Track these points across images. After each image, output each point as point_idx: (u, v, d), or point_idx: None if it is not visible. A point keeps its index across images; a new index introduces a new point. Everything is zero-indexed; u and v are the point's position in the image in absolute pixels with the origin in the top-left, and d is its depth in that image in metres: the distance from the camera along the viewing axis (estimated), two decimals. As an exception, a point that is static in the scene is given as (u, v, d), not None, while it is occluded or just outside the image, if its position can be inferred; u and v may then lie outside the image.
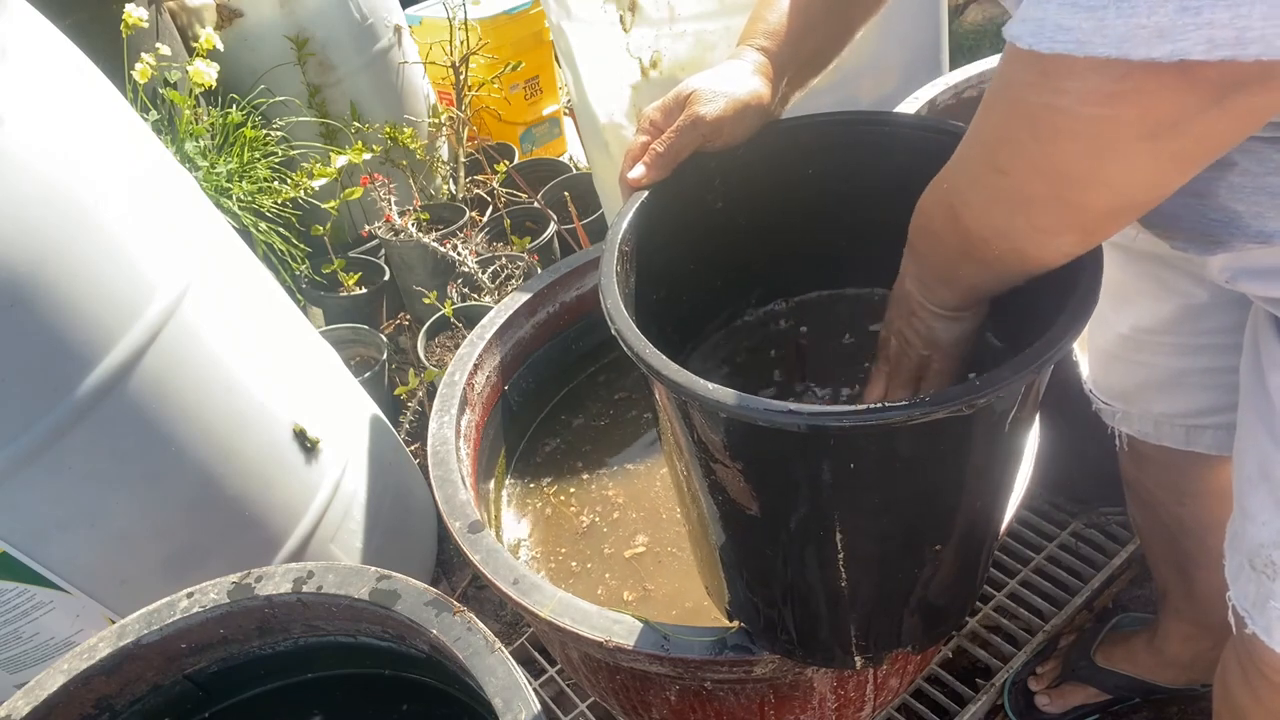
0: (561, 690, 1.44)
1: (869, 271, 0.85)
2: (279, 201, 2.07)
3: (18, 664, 1.12)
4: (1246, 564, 0.76)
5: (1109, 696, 1.32)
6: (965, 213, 0.58)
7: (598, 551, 1.16)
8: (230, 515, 1.19)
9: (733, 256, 0.85)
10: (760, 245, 0.85)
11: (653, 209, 0.76)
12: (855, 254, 0.84)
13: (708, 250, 0.84)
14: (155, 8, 2.02)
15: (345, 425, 1.44)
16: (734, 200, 0.82)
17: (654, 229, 0.76)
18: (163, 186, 1.15)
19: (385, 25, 2.50)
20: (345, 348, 2.06)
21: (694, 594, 1.08)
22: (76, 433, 0.99)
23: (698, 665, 0.85)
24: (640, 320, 0.70)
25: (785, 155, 0.81)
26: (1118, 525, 1.52)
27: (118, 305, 1.01)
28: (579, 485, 1.26)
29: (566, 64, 1.77)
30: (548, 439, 1.35)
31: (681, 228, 0.79)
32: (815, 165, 0.81)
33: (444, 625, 0.82)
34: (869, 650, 0.79)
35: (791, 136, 0.80)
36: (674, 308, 0.82)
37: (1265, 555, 0.74)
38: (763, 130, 0.79)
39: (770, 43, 0.80)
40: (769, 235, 0.85)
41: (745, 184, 0.81)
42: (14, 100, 0.92)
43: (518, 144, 2.99)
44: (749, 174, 0.81)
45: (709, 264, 0.85)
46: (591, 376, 1.43)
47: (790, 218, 0.84)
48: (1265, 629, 0.76)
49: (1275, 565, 0.73)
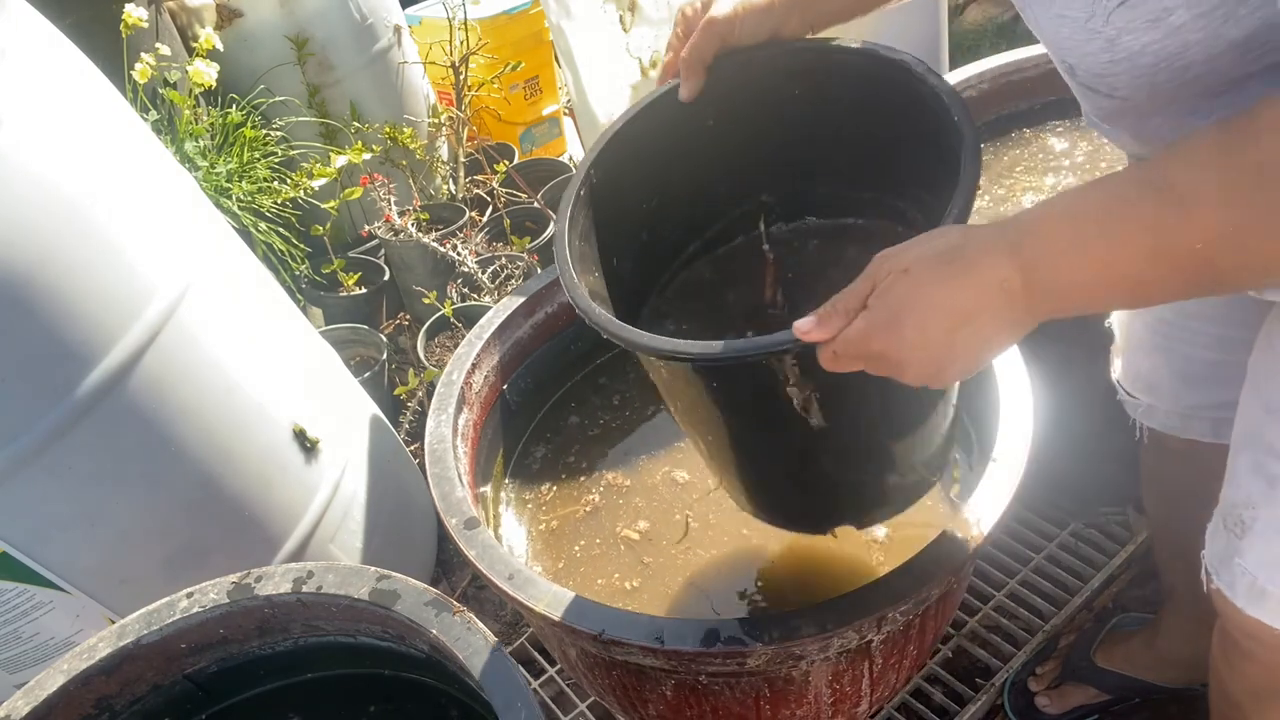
0: (561, 690, 1.44)
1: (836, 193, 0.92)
2: (279, 201, 2.07)
3: (18, 664, 1.12)
4: (1221, 523, 0.80)
5: (1109, 696, 1.32)
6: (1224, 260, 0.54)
7: (597, 539, 1.17)
8: (230, 515, 1.19)
9: (721, 172, 0.92)
10: (747, 161, 0.91)
11: (640, 131, 0.85)
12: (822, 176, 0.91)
13: (700, 164, 0.90)
14: (155, 8, 2.02)
15: (345, 425, 1.44)
16: (724, 118, 0.87)
17: (642, 150, 0.85)
18: (162, 187, 1.15)
19: (385, 25, 2.51)
20: (345, 348, 2.06)
21: (695, 582, 1.09)
22: (76, 433, 0.99)
23: (691, 657, 0.85)
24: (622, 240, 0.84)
25: (769, 79, 0.85)
26: (1118, 525, 1.52)
27: (117, 305, 1.01)
28: (576, 479, 1.26)
29: (566, 64, 1.77)
30: (548, 436, 1.35)
31: (677, 142, 0.87)
32: (797, 87, 0.85)
33: (444, 625, 0.82)
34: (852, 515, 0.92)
35: (771, 62, 0.84)
36: (662, 222, 0.92)
37: (1236, 514, 0.77)
38: (752, 53, 0.83)
39: None
40: (754, 151, 0.90)
41: (734, 105, 0.86)
42: (13, 100, 0.92)
43: (518, 144, 2.99)
44: (740, 95, 0.85)
45: (701, 176, 0.92)
46: (589, 376, 1.43)
47: (771, 137, 0.89)
48: (1229, 584, 0.79)
49: (1244, 524, 0.76)
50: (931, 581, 0.87)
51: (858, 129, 0.84)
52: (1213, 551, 0.82)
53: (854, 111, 0.83)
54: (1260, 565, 0.77)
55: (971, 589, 1.47)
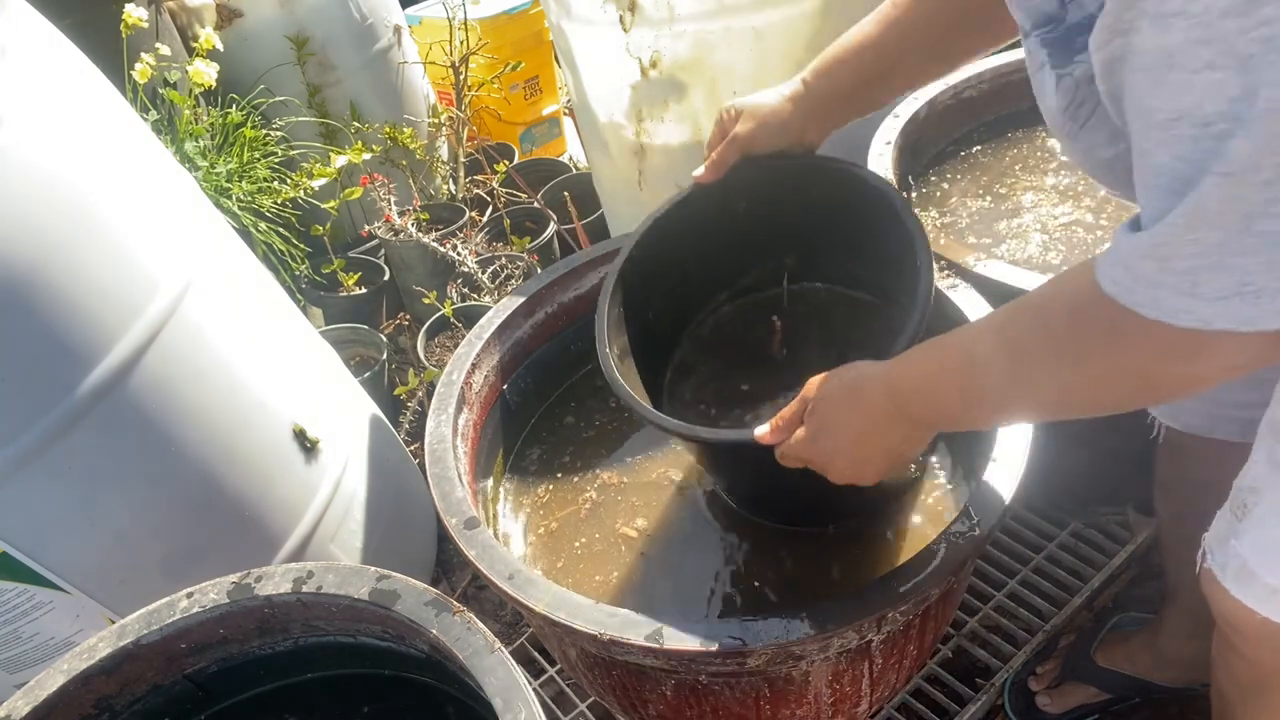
0: (561, 690, 1.44)
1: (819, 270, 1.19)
2: (279, 201, 2.07)
3: (18, 664, 1.12)
4: (1228, 506, 0.80)
5: (1109, 696, 1.32)
6: (1008, 406, 0.74)
7: (596, 536, 1.17)
8: (230, 515, 1.19)
9: (751, 240, 1.16)
10: (772, 234, 1.15)
11: (690, 207, 1.10)
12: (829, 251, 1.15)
13: (722, 242, 1.15)
14: (155, 8, 2.02)
15: (345, 425, 1.44)
16: (753, 204, 1.10)
17: (682, 228, 1.10)
18: (162, 186, 1.15)
19: (385, 25, 2.51)
20: (345, 348, 2.06)
21: (691, 578, 1.09)
22: (77, 432, 0.99)
23: (691, 657, 0.85)
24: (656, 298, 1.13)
25: (789, 179, 1.06)
26: (1118, 525, 1.52)
27: (118, 303, 1.01)
28: (573, 478, 1.26)
29: (566, 64, 1.77)
30: (545, 434, 1.35)
31: (715, 219, 1.11)
32: (811, 188, 1.07)
33: (444, 625, 0.82)
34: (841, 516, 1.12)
35: (790, 168, 1.05)
36: (698, 278, 1.19)
37: (1241, 498, 0.78)
38: (776, 159, 1.04)
39: (811, 76, 0.99)
40: (778, 228, 1.13)
41: (761, 195, 1.09)
42: (14, 99, 0.92)
43: (518, 144, 2.99)
44: (766, 189, 1.08)
45: (736, 244, 1.16)
46: (588, 376, 1.43)
47: (792, 218, 1.11)
48: (1221, 565, 0.81)
49: (1246, 507, 0.77)
50: (931, 581, 0.87)
51: (854, 224, 1.05)
52: (1214, 533, 0.83)
53: (851, 213, 1.05)
54: (1252, 548, 0.77)
55: (971, 589, 1.47)
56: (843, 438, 0.81)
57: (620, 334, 1.07)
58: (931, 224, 1.45)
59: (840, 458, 0.82)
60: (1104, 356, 0.59)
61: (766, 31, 1.47)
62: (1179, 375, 0.57)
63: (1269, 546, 0.77)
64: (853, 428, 0.80)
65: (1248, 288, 0.47)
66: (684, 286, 1.19)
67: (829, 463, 0.83)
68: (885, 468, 0.83)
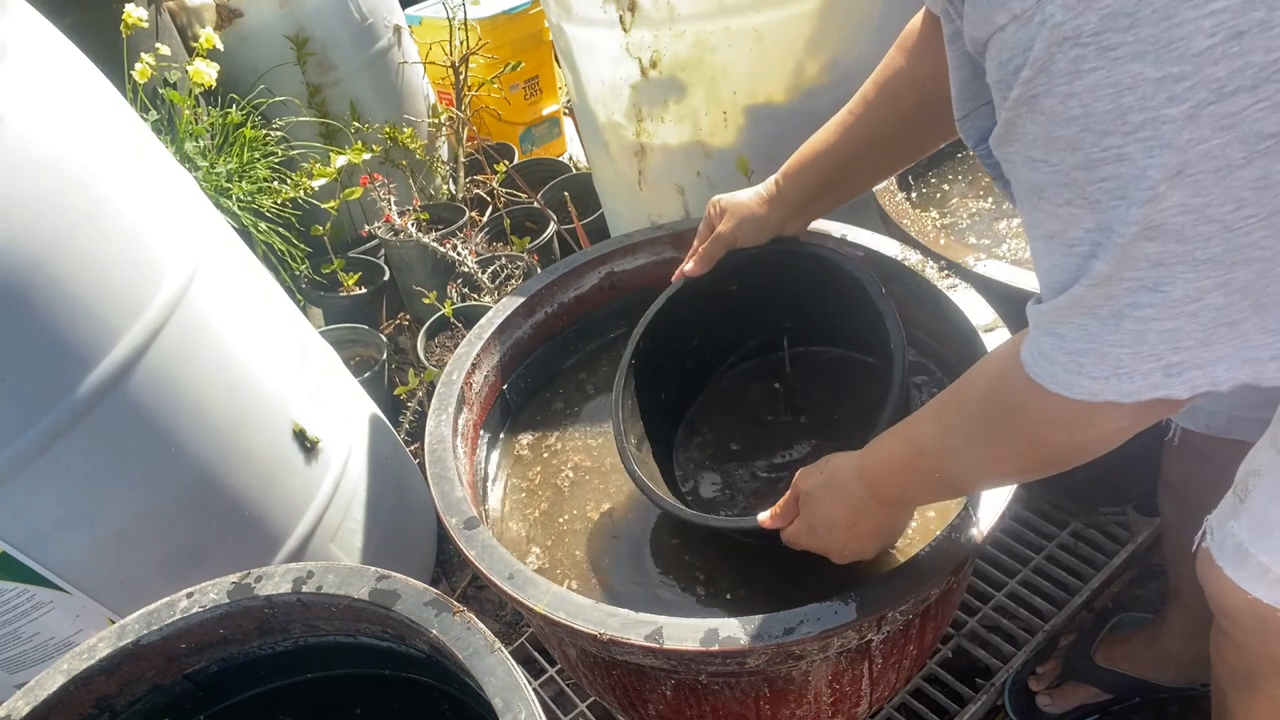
0: (561, 690, 1.44)
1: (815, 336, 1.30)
2: (279, 201, 2.07)
3: (18, 664, 1.12)
4: (1232, 489, 0.82)
5: (1109, 696, 1.32)
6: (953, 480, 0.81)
7: (575, 511, 1.17)
8: (230, 515, 1.19)
9: (739, 319, 1.26)
10: (766, 306, 1.25)
11: (681, 300, 1.19)
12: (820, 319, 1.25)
13: (722, 318, 1.25)
14: (155, 8, 2.02)
15: (345, 425, 1.44)
16: (744, 285, 1.20)
17: (687, 309, 1.20)
18: (162, 186, 1.14)
19: (385, 25, 2.51)
20: (345, 348, 2.06)
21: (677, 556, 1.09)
22: (78, 432, 0.99)
23: (691, 657, 0.85)
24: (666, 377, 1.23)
25: (775, 262, 1.15)
26: (1118, 525, 1.52)
27: (121, 301, 1.01)
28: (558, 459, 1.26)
29: (566, 64, 1.77)
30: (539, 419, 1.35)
31: (708, 303, 1.21)
32: (795, 269, 1.16)
33: (444, 625, 0.82)
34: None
35: (775, 255, 1.15)
36: (699, 353, 1.29)
37: (1244, 481, 0.80)
38: (759, 249, 1.14)
39: (783, 178, 1.09)
40: (771, 300, 1.23)
41: (750, 277, 1.18)
42: (15, 98, 0.92)
43: (518, 144, 2.99)
44: (754, 273, 1.17)
45: (724, 325, 1.27)
46: (572, 369, 1.44)
47: (783, 292, 1.21)
48: (1219, 544, 0.83)
49: (1248, 490, 0.79)
50: (931, 581, 0.87)
51: (836, 300, 1.14)
52: (1216, 514, 0.84)
53: (832, 290, 1.13)
54: (1249, 529, 0.79)
55: (971, 589, 1.47)
56: (835, 528, 0.90)
57: (636, 422, 1.17)
58: (931, 224, 1.45)
59: (836, 545, 0.92)
60: (1015, 431, 0.67)
61: (766, 31, 1.47)
62: (1075, 441, 0.65)
63: (1264, 525, 0.78)
64: (841, 518, 0.89)
65: (1123, 369, 0.55)
66: (693, 362, 1.29)
67: (828, 551, 0.93)
68: (881, 544, 0.93)
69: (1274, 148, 0.45)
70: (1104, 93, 0.46)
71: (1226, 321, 0.52)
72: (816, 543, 0.92)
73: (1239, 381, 0.54)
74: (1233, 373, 0.54)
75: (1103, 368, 0.56)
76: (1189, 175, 0.46)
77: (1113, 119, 0.47)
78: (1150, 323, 0.53)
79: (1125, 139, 0.47)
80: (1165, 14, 0.43)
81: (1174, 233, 0.49)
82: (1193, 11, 0.42)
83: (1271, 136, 0.45)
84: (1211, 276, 0.50)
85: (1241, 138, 0.45)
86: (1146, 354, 0.54)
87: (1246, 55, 0.43)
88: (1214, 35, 0.43)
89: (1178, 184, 0.47)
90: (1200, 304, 0.51)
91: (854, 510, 0.88)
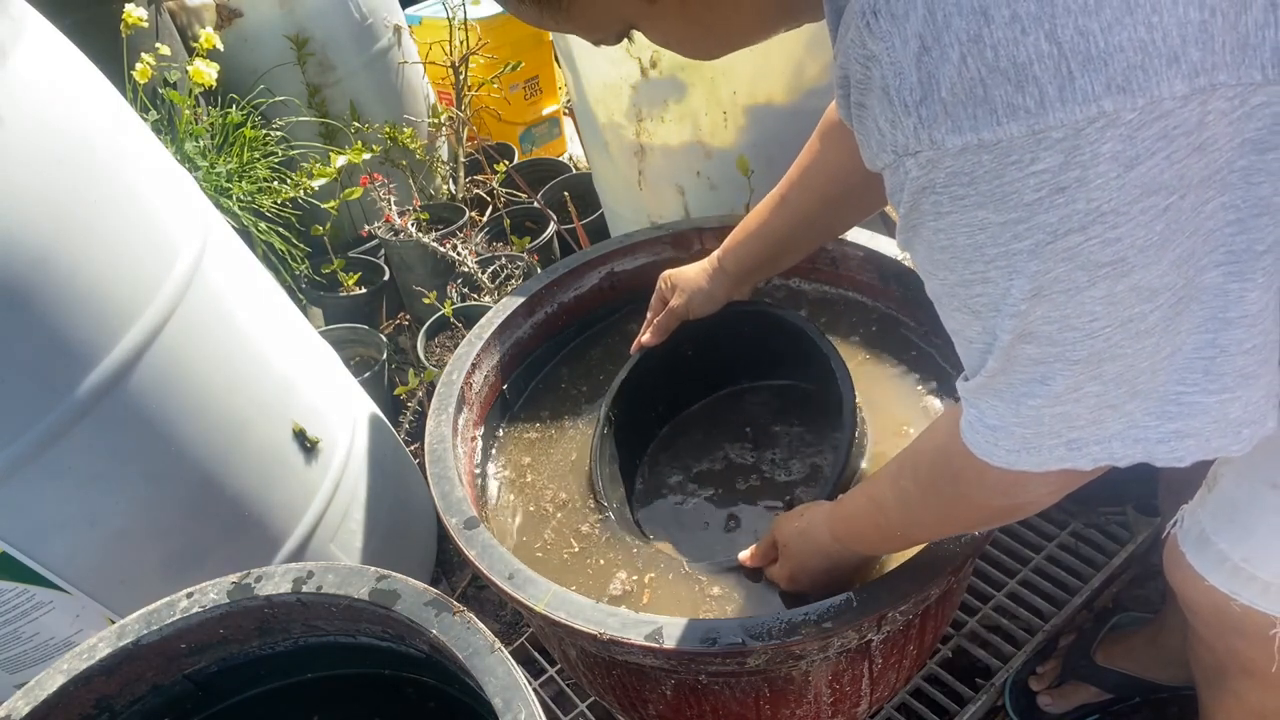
0: (561, 690, 1.44)
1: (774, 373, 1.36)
2: (279, 201, 2.07)
3: (18, 664, 1.12)
4: (1205, 480, 0.85)
5: (1110, 695, 1.32)
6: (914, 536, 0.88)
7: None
8: (230, 515, 1.19)
9: (700, 373, 1.34)
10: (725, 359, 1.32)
11: (642, 369, 1.26)
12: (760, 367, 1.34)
13: (683, 377, 1.31)
14: (155, 7, 2.02)
15: (345, 425, 1.44)
16: (698, 348, 1.28)
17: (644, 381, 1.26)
18: (161, 186, 1.14)
19: (385, 25, 2.50)
20: (345, 348, 2.06)
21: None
22: (78, 431, 0.99)
23: (691, 657, 0.85)
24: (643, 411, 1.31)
25: (728, 322, 1.23)
26: (1118, 525, 1.52)
27: (123, 299, 1.01)
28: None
29: (566, 64, 1.77)
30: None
31: (670, 364, 1.28)
32: (745, 327, 1.26)
33: (444, 625, 0.82)
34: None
35: (726, 317, 1.22)
36: (669, 401, 1.36)
37: (1216, 471, 0.82)
38: (711, 316, 1.22)
39: (723, 254, 1.18)
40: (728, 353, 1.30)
41: (705, 338, 1.26)
42: (14, 98, 0.92)
43: (518, 144, 2.99)
44: (708, 334, 1.25)
45: (682, 379, 1.32)
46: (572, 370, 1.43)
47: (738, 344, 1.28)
48: (1185, 530, 0.86)
49: (1216, 478, 0.82)
50: (931, 581, 0.87)
51: (787, 345, 1.23)
52: (1189, 505, 0.87)
53: (788, 339, 1.21)
54: (1212, 515, 0.82)
55: (971, 589, 1.47)
56: (813, 574, 0.97)
57: (616, 487, 1.21)
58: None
59: (817, 589, 0.97)
60: (959, 496, 0.72)
61: (766, 31, 1.47)
62: (1013, 504, 0.70)
63: (1225, 511, 0.81)
64: (817, 565, 0.96)
65: (1029, 445, 0.60)
66: (663, 413, 1.35)
67: (811, 593, 0.98)
68: (864, 579, 0.99)
69: (1112, 272, 0.50)
70: (961, 231, 0.53)
71: (1109, 405, 0.57)
72: (799, 589, 1.00)
73: (1135, 459, 0.58)
74: (1127, 449, 0.58)
75: (1013, 443, 0.61)
76: (1045, 295, 0.52)
77: (973, 251, 0.53)
78: (1042, 410, 0.58)
79: (987, 266, 0.53)
80: (995, 174, 0.49)
81: (1045, 338, 0.55)
82: (1018, 172, 0.48)
83: (1107, 264, 0.50)
84: (1085, 372, 0.55)
85: (1082, 266, 0.50)
86: (1046, 433, 0.59)
87: (1070, 205, 0.48)
88: (1039, 191, 0.48)
89: (1038, 302, 0.53)
90: (1082, 392, 0.56)
91: (828, 559, 0.95)
